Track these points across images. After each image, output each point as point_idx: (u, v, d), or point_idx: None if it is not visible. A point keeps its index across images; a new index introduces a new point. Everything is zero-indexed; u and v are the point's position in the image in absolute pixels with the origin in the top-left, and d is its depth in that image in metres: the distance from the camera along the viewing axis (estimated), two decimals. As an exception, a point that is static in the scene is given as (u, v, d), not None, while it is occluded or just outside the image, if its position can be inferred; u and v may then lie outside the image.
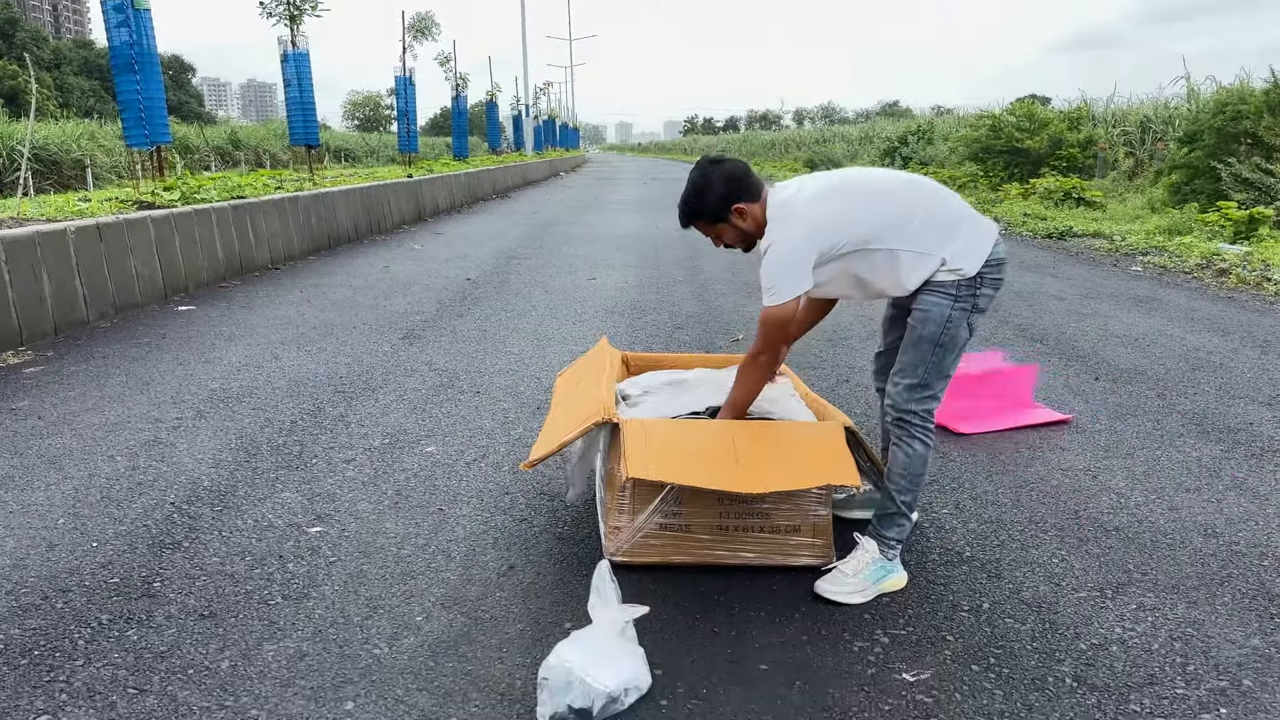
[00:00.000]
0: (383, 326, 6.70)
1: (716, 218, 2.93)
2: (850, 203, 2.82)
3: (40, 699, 2.29)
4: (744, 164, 2.97)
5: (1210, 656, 2.52)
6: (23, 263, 6.12)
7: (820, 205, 2.80)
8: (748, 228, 2.92)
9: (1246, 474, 3.87)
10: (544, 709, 2.19)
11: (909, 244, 2.76)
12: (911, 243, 2.76)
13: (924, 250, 2.75)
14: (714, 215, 2.92)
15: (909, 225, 2.76)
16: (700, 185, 2.92)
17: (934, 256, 2.74)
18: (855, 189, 2.88)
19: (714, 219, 2.93)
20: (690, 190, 2.94)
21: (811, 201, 2.81)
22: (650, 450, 2.80)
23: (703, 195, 2.91)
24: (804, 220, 2.77)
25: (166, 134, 9.67)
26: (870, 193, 2.86)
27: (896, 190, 2.87)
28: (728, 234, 2.97)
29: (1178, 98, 21.11)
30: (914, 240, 2.76)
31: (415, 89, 20.43)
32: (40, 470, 3.82)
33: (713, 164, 2.96)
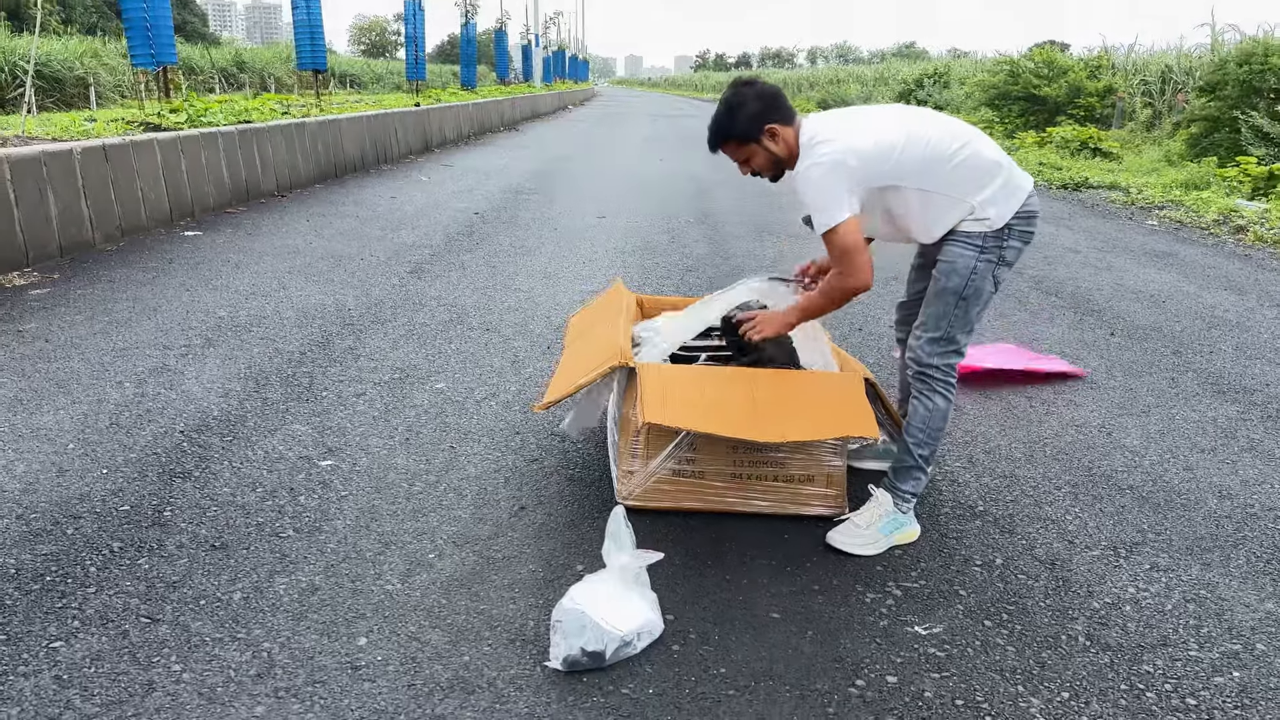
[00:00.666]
0: (391, 259, 6.64)
1: (748, 137, 2.79)
2: (887, 132, 2.72)
3: (53, 625, 2.29)
4: (776, 86, 2.86)
5: (1224, 619, 2.52)
6: (29, 183, 6.04)
7: (858, 136, 2.70)
8: (779, 152, 2.80)
9: (1263, 435, 3.85)
10: (557, 650, 2.19)
11: (942, 186, 2.68)
12: (945, 185, 2.68)
13: (955, 195, 2.68)
14: (745, 134, 2.79)
15: (944, 167, 2.68)
16: (732, 103, 2.80)
17: (964, 203, 2.68)
18: (892, 121, 2.78)
19: (745, 138, 2.80)
20: (722, 109, 2.82)
21: (849, 132, 2.71)
22: (667, 396, 2.77)
23: (734, 113, 2.79)
24: (839, 149, 2.66)
25: (173, 54, 9.51)
26: (908, 128, 2.74)
27: (935, 130, 2.75)
28: (758, 157, 2.84)
29: (1200, 47, 20.72)
30: (947, 183, 2.68)
31: (424, 15, 20.07)
32: (49, 394, 3.80)
33: (745, 84, 2.85)
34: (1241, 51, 15.18)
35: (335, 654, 2.22)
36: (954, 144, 2.71)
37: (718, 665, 2.24)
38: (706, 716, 2.06)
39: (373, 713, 2.03)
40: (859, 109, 2.89)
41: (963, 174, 2.68)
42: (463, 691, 2.11)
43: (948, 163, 2.68)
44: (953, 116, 2.94)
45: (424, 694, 2.10)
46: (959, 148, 2.71)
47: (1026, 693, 2.18)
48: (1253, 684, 2.25)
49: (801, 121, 2.79)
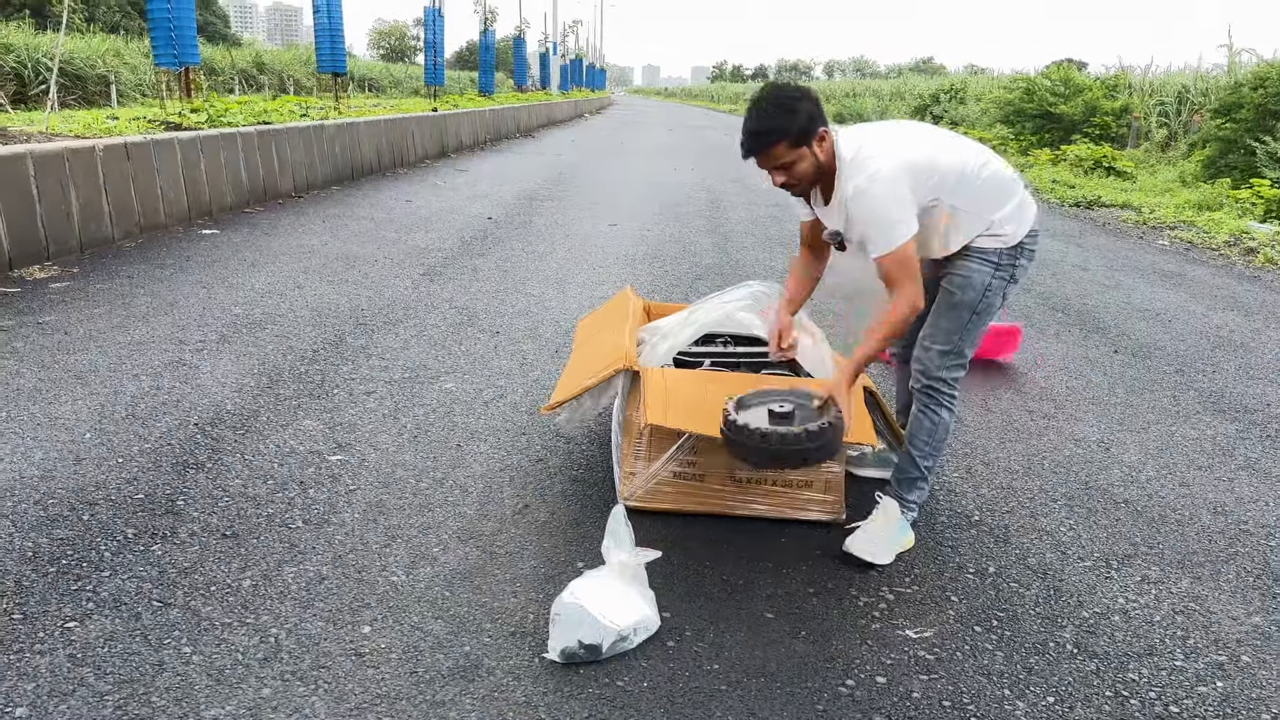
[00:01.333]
0: (404, 261, 6.73)
1: (802, 139, 2.58)
2: (926, 146, 2.69)
3: (68, 606, 2.36)
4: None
5: (1211, 631, 2.56)
6: (51, 179, 6.15)
7: (909, 150, 2.64)
8: (824, 160, 2.64)
9: (1260, 454, 3.89)
10: (555, 642, 2.25)
11: (971, 204, 2.69)
12: (973, 202, 2.69)
13: (979, 211, 2.70)
14: (801, 135, 2.57)
15: (973, 184, 2.69)
16: (786, 102, 2.58)
17: (984, 218, 2.70)
18: (924, 136, 2.78)
19: (800, 140, 2.57)
20: (773, 106, 2.59)
21: (897, 146, 2.64)
22: (670, 399, 2.83)
23: (793, 112, 2.56)
24: (892, 157, 2.58)
25: (195, 55, 9.63)
26: (939, 143, 2.75)
27: (960, 146, 2.77)
28: (803, 163, 2.62)
29: (1217, 68, 20.73)
30: (974, 200, 2.69)
31: (444, 21, 20.23)
32: (67, 385, 3.88)
33: (793, 86, 2.68)
34: (1256, 75, 15.20)
35: (340, 641, 2.29)
36: (978, 160, 2.74)
37: (711, 662, 2.30)
38: (699, 710, 2.12)
39: (375, 698, 2.10)
40: (882, 124, 2.84)
41: (988, 190, 2.71)
42: (463, 679, 2.17)
43: (976, 179, 2.70)
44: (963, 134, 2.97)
45: (425, 681, 2.16)
46: (982, 165, 2.73)
47: (1013, 696, 2.24)
48: (1235, 694, 2.29)
49: (834, 134, 2.66)
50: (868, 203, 2.57)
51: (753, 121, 2.60)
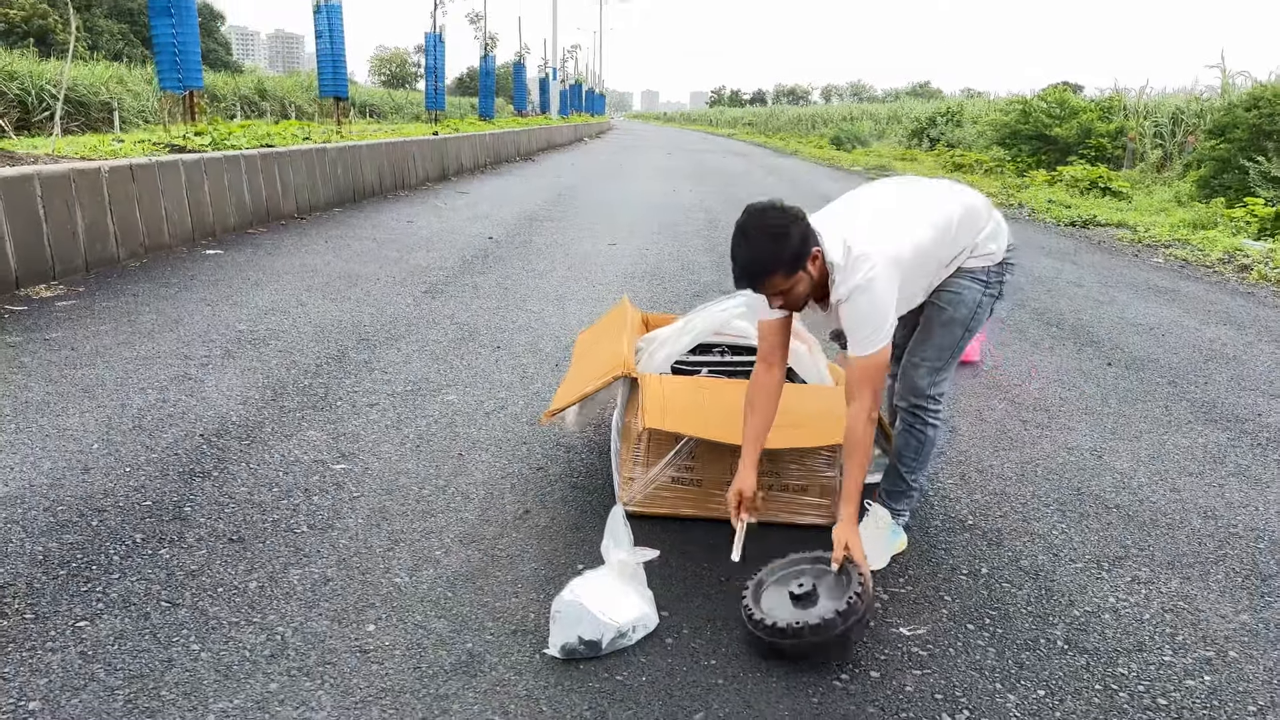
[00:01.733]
0: (406, 279, 6.80)
1: (796, 265, 2.49)
2: (915, 228, 2.67)
3: (79, 606, 2.41)
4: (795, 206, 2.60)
5: (1199, 628, 2.61)
6: (57, 199, 6.23)
7: (892, 242, 2.59)
8: (817, 276, 2.57)
9: (1250, 461, 3.94)
10: (556, 639, 2.30)
11: (954, 250, 2.76)
12: (956, 248, 2.76)
13: (962, 247, 2.76)
14: (794, 262, 2.49)
15: (950, 233, 2.74)
16: (777, 231, 2.47)
17: (966, 248, 2.77)
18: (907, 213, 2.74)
19: (793, 268, 2.49)
20: (764, 237, 2.47)
21: (883, 240, 2.58)
22: (667, 404, 2.89)
23: (784, 240, 2.46)
24: (890, 263, 2.54)
25: (199, 79, 9.76)
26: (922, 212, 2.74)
27: (937, 199, 2.80)
28: (801, 286, 2.55)
29: (1210, 90, 20.92)
30: (956, 244, 2.75)
31: (444, 47, 20.43)
32: (74, 398, 3.94)
33: (774, 210, 2.53)
34: (1251, 96, 15.36)
35: (345, 638, 2.34)
36: (953, 205, 2.77)
37: (709, 657, 2.35)
38: (697, 703, 2.17)
39: (380, 692, 2.14)
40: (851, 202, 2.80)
41: (965, 229, 2.76)
42: (466, 674, 2.22)
43: (953, 227, 2.73)
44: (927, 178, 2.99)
45: (429, 675, 2.21)
46: (956, 207, 2.77)
47: (1004, 689, 2.28)
48: (1223, 687, 2.34)
49: (819, 234, 2.57)
50: (862, 305, 2.52)
51: (744, 253, 2.49)
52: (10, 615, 2.36)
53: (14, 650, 2.22)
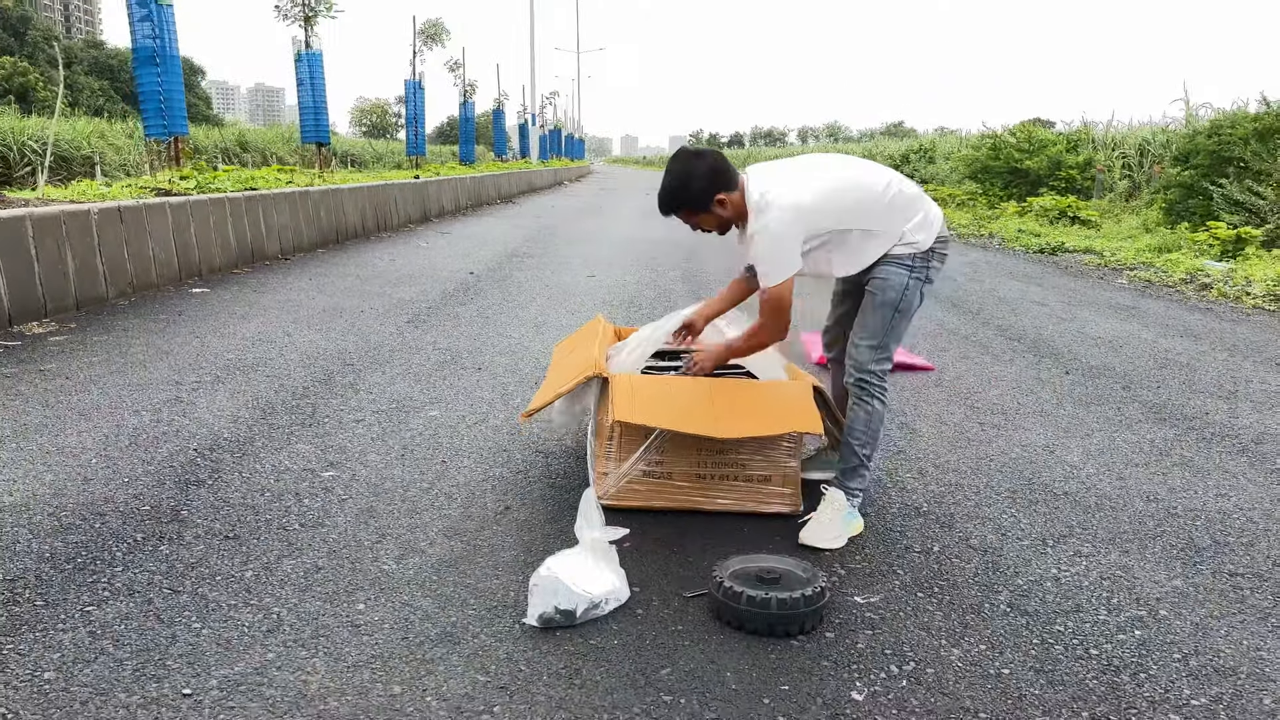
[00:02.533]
0: (389, 311, 7.00)
1: (699, 207, 3.08)
2: (832, 189, 3.07)
3: (86, 594, 2.58)
4: (722, 155, 3.15)
5: (1133, 592, 2.81)
6: (48, 240, 6.42)
7: (808, 194, 3.02)
8: (728, 215, 3.10)
9: (1194, 454, 4.16)
10: (534, 609, 2.48)
11: (880, 224, 3.05)
12: (881, 223, 3.05)
13: (888, 229, 3.05)
14: (696, 205, 3.08)
15: (878, 206, 3.06)
16: (684, 176, 3.06)
17: (894, 233, 3.05)
18: (832, 175, 3.14)
19: (696, 208, 3.09)
20: (674, 181, 3.08)
21: (795, 189, 3.03)
22: (635, 399, 3.09)
23: (687, 185, 3.06)
24: (789, 209, 2.97)
25: (184, 125, 10.00)
26: (846, 179, 3.12)
27: (867, 176, 3.14)
28: (708, 221, 3.14)
29: (1175, 121, 21.46)
30: (883, 220, 3.05)
31: (424, 94, 20.80)
32: (71, 420, 4.11)
33: (695, 156, 3.11)
34: (1212, 124, 15.83)
35: (337, 615, 2.51)
36: (883, 184, 3.10)
37: (676, 624, 2.53)
38: (664, 660, 2.35)
39: (370, 658, 2.31)
40: (798, 160, 3.23)
41: (895, 210, 3.07)
42: (450, 643, 2.40)
43: (880, 201, 3.06)
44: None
45: (415, 644, 2.38)
46: (885, 186, 3.09)
47: (949, 645, 2.47)
48: (1151, 640, 2.53)
49: (746, 179, 3.08)
50: (761, 243, 3.00)
51: (662, 187, 3.11)
52: (23, 603, 2.52)
53: (27, 631, 2.38)
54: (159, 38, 9.42)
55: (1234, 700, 2.27)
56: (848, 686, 2.27)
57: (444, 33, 24.58)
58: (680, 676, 2.28)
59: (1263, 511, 3.50)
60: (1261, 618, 2.69)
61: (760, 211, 3.00)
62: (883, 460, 3.87)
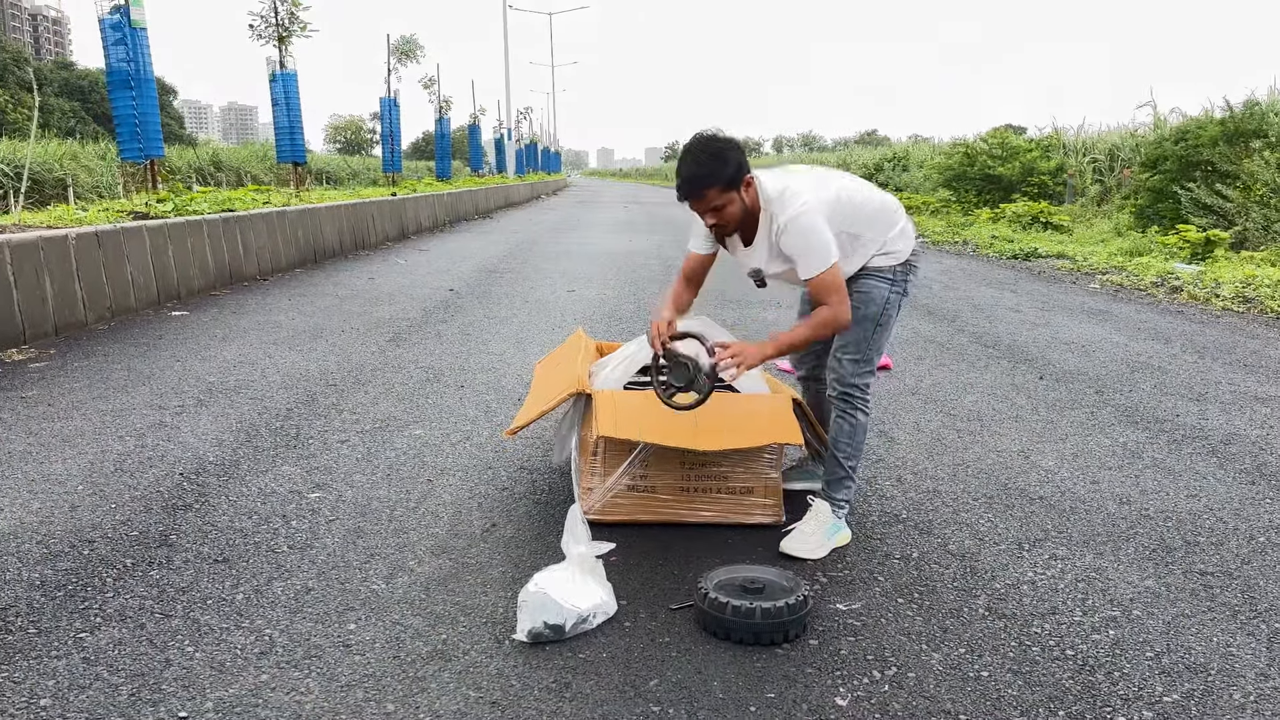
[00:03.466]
0: (370, 330, 7.03)
1: (732, 184, 2.92)
2: (828, 188, 3.09)
3: (78, 621, 2.60)
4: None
5: (1107, 593, 2.88)
6: (26, 266, 6.42)
7: (816, 187, 3.04)
8: (749, 204, 2.98)
9: (1165, 455, 4.25)
10: (523, 625, 2.52)
11: (866, 230, 3.11)
12: (867, 228, 3.11)
13: (874, 235, 3.12)
14: (731, 181, 2.91)
15: (863, 213, 3.11)
16: (718, 151, 2.90)
17: (878, 240, 3.12)
18: (823, 178, 3.17)
19: (730, 185, 2.91)
20: (706, 155, 2.90)
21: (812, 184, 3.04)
22: (618, 414, 3.15)
23: (724, 159, 2.89)
24: (809, 195, 2.96)
25: (160, 148, 9.99)
26: (835, 183, 3.16)
27: (850, 184, 3.21)
28: (732, 206, 2.95)
29: (1144, 126, 21.74)
30: (869, 226, 3.11)
31: (399, 111, 20.83)
32: (56, 447, 4.12)
33: (719, 137, 2.97)
34: (1177, 130, 16.07)
35: (329, 636, 2.55)
36: (865, 193, 3.19)
37: (664, 636, 2.58)
38: (652, 671, 2.40)
39: (363, 677, 2.35)
40: (787, 168, 3.23)
41: (879, 218, 3.14)
42: (441, 660, 2.44)
43: (864, 208, 3.13)
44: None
45: (407, 662, 2.42)
46: (868, 197, 3.18)
47: (929, 649, 2.53)
48: (1125, 639, 2.61)
49: (758, 179, 3.02)
50: (802, 231, 2.92)
51: (687, 168, 2.92)
52: (15, 631, 2.54)
53: (21, 659, 2.40)
54: (133, 61, 9.43)
55: (1205, 696, 2.34)
56: (832, 692, 2.33)
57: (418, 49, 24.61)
58: (668, 687, 2.34)
59: (1232, 511, 3.59)
60: (1231, 615, 2.76)
61: (785, 202, 2.96)
62: (862, 469, 3.93)
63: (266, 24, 14.40)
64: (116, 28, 9.36)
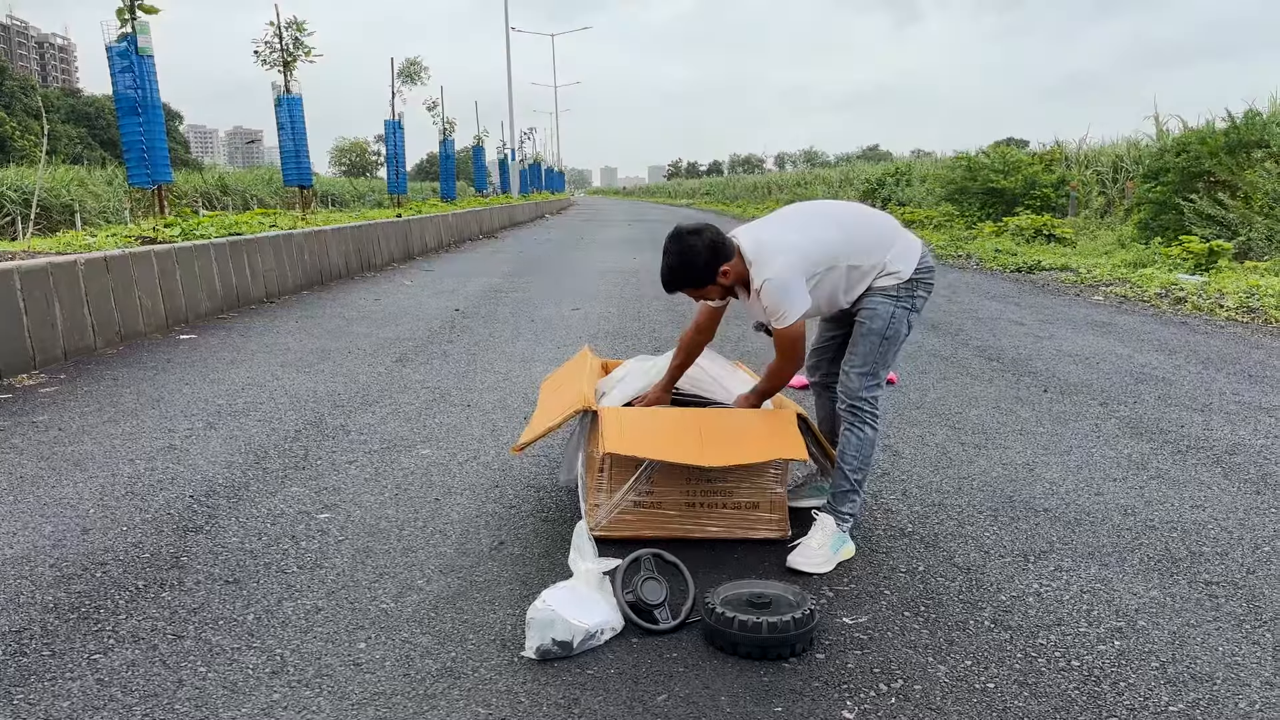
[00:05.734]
0: (376, 351, 7.07)
1: (704, 282, 3.23)
2: (822, 230, 3.23)
3: (92, 642, 2.63)
4: (715, 227, 3.27)
5: (1112, 604, 2.89)
6: (36, 292, 6.48)
7: (797, 237, 3.19)
8: (730, 283, 3.23)
9: (1170, 466, 4.26)
10: (531, 642, 2.54)
11: (862, 258, 3.20)
12: (864, 257, 3.20)
13: (869, 261, 3.19)
14: (701, 281, 3.22)
15: (859, 242, 3.21)
16: (686, 257, 3.18)
17: (875, 265, 3.19)
18: (817, 218, 3.31)
19: (701, 283, 3.23)
20: (676, 262, 3.21)
21: (788, 236, 3.19)
22: (624, 431, 3.17)
23: (691, 265, 3.19)
24: (789, 252, 3.11)
25: (168, 174, 10.08)
26: (830, 219, 3.30)
27: (847, 214, 3.34)
28: (714, 291, 3.29)
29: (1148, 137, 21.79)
30: (865, 255, 3.20)
31: (404, 133, 20.96)
32: (66, 471, 4.16)
33: (692, 233, 3.21)
34: (1178, 142, 16.11)
35: (339, 655, 2.57)
36: (860, 222, 3.30)
37: (671, 651, 2.60)
38: (660, 687, 2.42)
39: (374, 695, 2.37)
40: (777, 213, 3.41)
41: (871, 243, 3.22)
42: (450, 677, 2.46)
43: (859, 239, 3.22)
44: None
45: (417, 680, 2.44)
46: (865, 224, 3.29)
47: (935, 662, 2.55)
48: (1131, 650, 2.62)
49: (739, 242, 3.20)
50: (770, 292, 3.10)
51: (664, 267, 3.26)
52: (30, 654, 2.57)
53: (35, 681, 2.43)
54: (140, 88, 9.52)
55: (1210, 705, 2.35)
56: (839, 706, 2.35)
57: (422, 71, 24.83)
58: (676, 702, 2.35)
59: (1236, 521, 3.60)
60: (1236, 624, 2.77)
61: (761, 264, 3.12)
62: (868, 483, 3.95)
63: (271, 50, 14.54)
64: (124, 54, 9.46)
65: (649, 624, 2.69)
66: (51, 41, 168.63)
